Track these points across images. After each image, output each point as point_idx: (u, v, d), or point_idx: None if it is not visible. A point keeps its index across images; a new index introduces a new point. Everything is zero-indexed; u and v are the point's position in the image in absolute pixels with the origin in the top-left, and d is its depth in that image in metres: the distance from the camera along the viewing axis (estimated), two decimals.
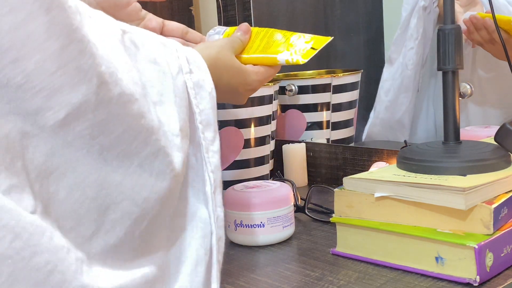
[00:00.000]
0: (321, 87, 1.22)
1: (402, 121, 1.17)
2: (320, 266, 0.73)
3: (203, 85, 0.62)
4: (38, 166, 0.47)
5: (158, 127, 0.54)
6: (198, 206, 0.61)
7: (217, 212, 0.60)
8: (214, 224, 0.60)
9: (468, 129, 1.04)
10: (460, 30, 0.76)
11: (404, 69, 1.14)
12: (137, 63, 0.56)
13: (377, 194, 0.71)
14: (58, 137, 0.47)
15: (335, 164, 1.15)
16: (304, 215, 0.92)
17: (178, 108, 0.58)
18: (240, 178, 1.08)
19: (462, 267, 0.64)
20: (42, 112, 0.46)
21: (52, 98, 0.46)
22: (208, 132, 0.61)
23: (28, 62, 0.45)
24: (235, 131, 1.07)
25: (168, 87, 0.58)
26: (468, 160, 0.71)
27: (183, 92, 0.60)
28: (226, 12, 1.33)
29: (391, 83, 1.18)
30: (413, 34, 1.12)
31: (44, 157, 0.47)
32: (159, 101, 0.57)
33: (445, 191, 0.65)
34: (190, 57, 0.63)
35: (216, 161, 0.61)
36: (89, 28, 0.50)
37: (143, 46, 0.58)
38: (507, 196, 0.68)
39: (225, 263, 0.76)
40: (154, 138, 0.53)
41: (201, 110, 0.61)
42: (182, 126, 0.58)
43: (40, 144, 0.47)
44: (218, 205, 0.61)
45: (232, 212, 0.82)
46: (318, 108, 1.23)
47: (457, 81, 0.77)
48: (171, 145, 0.56)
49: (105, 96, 0.49)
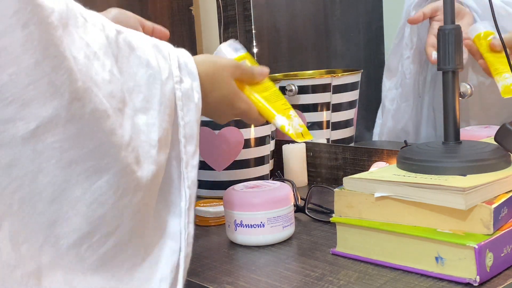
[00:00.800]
0: (321, 87, 1.22)
1: (406, 128, 1.17)
2: (320, 266, 0.73)
3: (191, 95, 0.61)
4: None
5: (128, 142, 0.54)
6: (171, 221, 0.60)
7: (189, 229, 0.60)
8: (185, 241, 0.59)
9: (468, 129, 1.04)
10: (460, 30, 0.76)
11: (403, 78, 1.15)
12: (128, 66, 0.56)
13: (377, 194, 0.71)
14: (27, 146, 0.48)
15: (335, 164, 1.15)
16: (304, 215, 0.92)
17: (162, 117, 0.58)
18: (240, 178, 1.08)
19: (462, 267, 0.64)
20: (13, 122, 0.47)
21: (24, 110, 0.47)
22: (190, 146, 0.61)
23: (2, 74, 0.46)
24: (235, 131, 1.07)
25: (155, 94, 0.58)
26: (468, 160, 0.71)
27: (170, 100, 0.59)
28: (226, 12, 1.33)
29: (394, 92, 1.18)
30: (408, 43, 1.12)
31: (2, 170, 0.48)
32: (143, 108, 0.57)
33: (445, 191, 0.65)
34: (182, 61, 0.62)
35: (193, 176, 0.60)
36: (73, 41, 0.50)
37: (137, 47, 0.58)
38: (507, 196, 0.68)
39: (225, 263, 0.76)
40: (123, 154, 0.53)
41: (186, 123, 0.60)
42: (161, 136, 0.57)
43: (0, 156, 0.47)
44: (190, 221, 0.60)
45: (232, 212, 0.82)
46: (318, 108, 1.23)
47: (457, 81, 0.77)
48: (146, 156, 0.55)
49: (76, 112, 0.49)
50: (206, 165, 1.09)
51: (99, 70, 0.53)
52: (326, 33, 1.37)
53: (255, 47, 1.33)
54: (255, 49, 1.33)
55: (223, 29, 1.34)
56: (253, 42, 1.32)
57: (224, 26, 1.34)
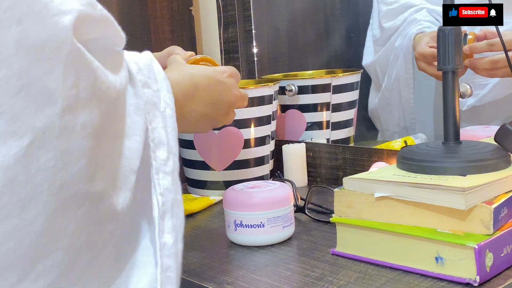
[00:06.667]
0: (321, 87, 1.22)
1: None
2: (320, 266, 0.73)
3: (156, 102, 0.57)
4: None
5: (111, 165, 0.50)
6: (145, 234, 0.56)
7: (164, 239, 0.54)
8: (159, 253, 0.54)
9: (468, 129, 1.04)
10: (460, 30, 0.76)
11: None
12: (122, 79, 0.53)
13: (377, 194, 0.71)
14: (19, 168, 0.43)
15: (335, 164, 1.15)
16: (304, 215, 0.92)
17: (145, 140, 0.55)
18: (240, 178, 1.08)
19: (462, 267, 0.64)
20: (3, 139, 0.42)
21: (16, 122, 0.42)
22: (160, 152, 0.56)
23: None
24: (235, 131, 1.07)
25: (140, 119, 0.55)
26: (468, 160, 0.71)
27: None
28: (226, 12, 1.33)
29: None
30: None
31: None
32: (128, 135, 0.53)
33: (445, 191, 0.65)
34: (144, 67, 0.59)
35: (167, 183, 0.56)
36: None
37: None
38: (507, 196, 0.68)
39: (225, 263, 0.76)
40: (105, 178, 0.49)
41: (154, 128, 0.56)
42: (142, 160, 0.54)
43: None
44: (166, 231, 0.55)
45: (232, 212, 0.82)
46: (318, 108, 1.23)
47: (457, 81, 0.77)
48: (124, 183, 0.52)
49: (69, 122, 0.45)
50: (206, 165, 1.09)
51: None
52: (326, 33, 1.37)
53: (255, 47, 1.33)
54: (255, 49, 1.33)
55: (223, 29, 1.34)
56: (253, 42, 1.32)
57: (224, 26, 1.34)
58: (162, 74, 0.60)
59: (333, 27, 1.37)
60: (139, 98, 0.56)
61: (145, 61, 0.59)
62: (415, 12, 1.12)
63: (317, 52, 1.39)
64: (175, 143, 0.58)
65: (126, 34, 0.56)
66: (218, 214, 1.00)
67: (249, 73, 1.33)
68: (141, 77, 0.57)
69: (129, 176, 0.52)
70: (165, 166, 0.56)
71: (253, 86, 1.11)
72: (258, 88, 1.09)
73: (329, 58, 1.38)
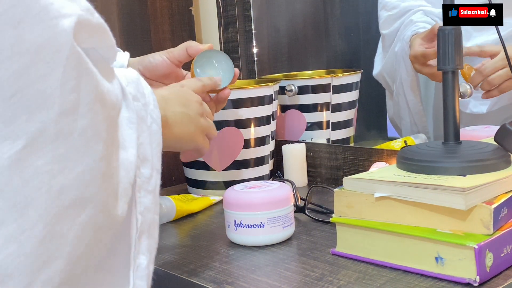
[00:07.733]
0: (321, 87, 1.22)
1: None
2: (320, 266, 0.73)
3: (144, 116, 0.57)
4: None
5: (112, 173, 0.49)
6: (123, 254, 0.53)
7: (139, 260, 0.53)
8: (132, 274, 0.52)
9: (468, 129, 1.04)
10: (460, 30, 0.76)
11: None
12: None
13: (377, 194, 0.71)
14: (13, 173, 0.42)
15: (335, 164, 1.15)
16: (304, 215, 0.92)
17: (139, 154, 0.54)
18: (240, 178, 1.08)
19: (462, 267, 0.64)
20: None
21: (9, 126, 0.42)
22: (145, 169, 0.55)
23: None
24: (235, 131, 1.07)
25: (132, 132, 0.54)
26: (468, 160, 0.71)
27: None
28: (226, 12, 1.33)
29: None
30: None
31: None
32: (124, 146, 0.52)
33: (445, 191, 0.65)
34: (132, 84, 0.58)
35: (148, 201, 0.54)
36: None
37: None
38: (507, 196, 0.68)
39: (225, 263, 0.76)
40: (105, 186, 0.48)
41: (141, 143, 0.55)
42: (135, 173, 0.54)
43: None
44: (141, 252, 0.53)
45: (232, 212, 0.82)
46: (318, 108, 1.23)
47: (457, 81, 0.77)
48: (123, 195, 0.51)
49: (66, 126, 0.44)
50: (206, 165, 1.09)
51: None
52: (326, 33, 1.37)
53: (255, 47, 1.33)
54: (255, 49, 1.33)
55: (223, 30, 1.34)
56: (253, 42, 1.32)
57: (224, 27, 1.34)
58: (149, 89, 0.59)
59: (333, 27, 1.37)
60: (131, 111, 0.55)
61: (132, 75, 0.59)
62: (411, 15, 1.12)
63: (317, 52, 1.39)
64: (158, 160, 0.57)
65: (126, 34, 0.55)
66: (218, 214, 1.00)
67: (249, 73, 1.33)
68: (131, 90, 0.56)
69: (128, 188, 0.51)
70: (148, 184, 0.55)
71: (253, 86, 1.11)
72: (258, 88, 1.09)
73: (329, 58, 1.38)
